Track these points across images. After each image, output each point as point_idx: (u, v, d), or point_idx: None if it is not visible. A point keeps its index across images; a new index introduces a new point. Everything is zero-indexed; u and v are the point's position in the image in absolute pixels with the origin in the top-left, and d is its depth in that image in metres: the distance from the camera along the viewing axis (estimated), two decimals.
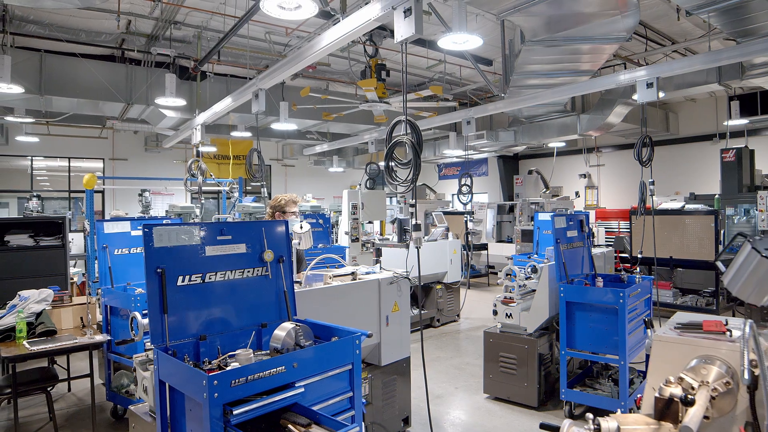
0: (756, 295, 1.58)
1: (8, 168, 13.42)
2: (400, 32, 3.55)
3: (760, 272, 1.53)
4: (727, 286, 1.68)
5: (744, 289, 1.60)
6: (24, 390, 3.91)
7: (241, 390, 2.14)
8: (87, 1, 4.63)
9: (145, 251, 2.51)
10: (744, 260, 1.59)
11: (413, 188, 3.51)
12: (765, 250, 1.53)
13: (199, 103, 9.13)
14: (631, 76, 5.89)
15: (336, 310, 3.50)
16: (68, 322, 4.40)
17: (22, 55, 7.62)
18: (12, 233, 6.46)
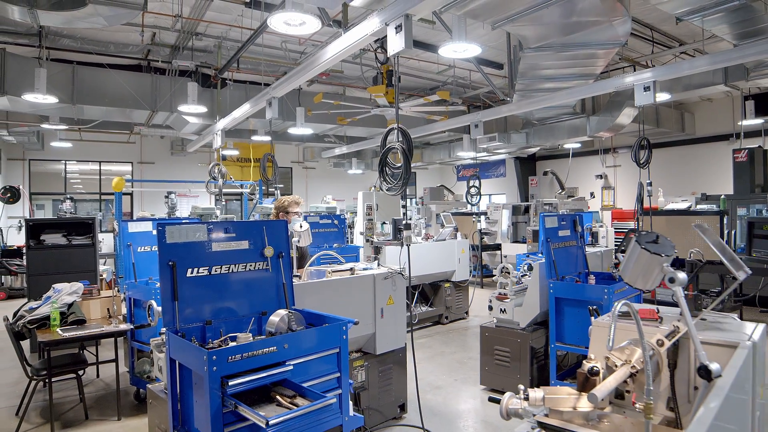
0: (642, 282, 1.83)
1: (44, 171, 14.21)
2: (393, 46, 3.85)
3: (642, 262, 1.78)
4: (622, 275, 1.93)
5: (633, 277, 1.85)
6: (57, 371, 4.35)
7: (237, 365, 2.48)
8: (114, 19, 5.07)
9: (159, 247, 2.89)
10: (631, 253, 1.84)
11: (404, 190, 3.80)
12: (645, 243, 1.78)
13: (220, 110, 9.60)
14: (630, 79, 6.07)
15: (334, 302, 3.82)
16: (96, 312, 4.83)
17: (56, 67, 8.19)
18: (47, 233, 7.00)
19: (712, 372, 1.60)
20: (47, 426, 4.25)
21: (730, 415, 1.47)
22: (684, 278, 1.74)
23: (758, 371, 1.87)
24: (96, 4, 4.48)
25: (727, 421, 1.44)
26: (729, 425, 1.49)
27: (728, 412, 1.42)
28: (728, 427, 1.46)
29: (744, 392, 1.72)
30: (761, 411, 1.96)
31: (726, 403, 1.34)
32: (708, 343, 1.93)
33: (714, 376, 1.59)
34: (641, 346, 1.63)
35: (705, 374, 1.62)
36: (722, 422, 1.34)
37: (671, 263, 1.77)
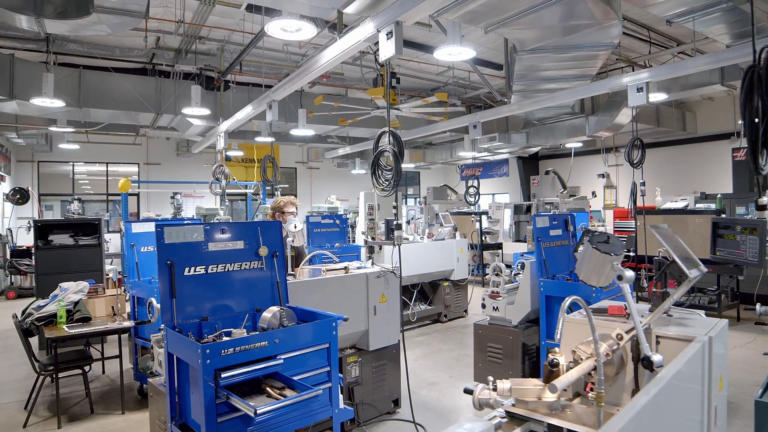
0: (595, 279, 1.95)
1: (52, 173, 14.46)
2: (384, 52, 3.98)
3: (594, 260, 1.90)
4: (577, 273, 2.04)
5: (587, 275, 1.97)
6: (64, 367, 4.52)
7: (230, 359, 2.62)
8: (118, 27, 5.23)
9: (158, 247, 3.04)
10: (584, 252, 1.96)
11: (395, 191, 3.93)
12: (596, 243, 1.89)
13: (223, 112, 9.76)
14: (624, 80, 6.15)
15: (328, 299, 3.96)
16: (101, 310, 5.00)
17: (63, 72, 8.38)
18: (55, 233, 7.20)
19: (653, 363, 1.71)
20: (54, 419, 4.42)
21: (673, 403, 1.58)
22: (631, 276, 1.86)
23: (715, 364, 1.98)
24: (100, 13, 4.64)
25: (671, 408, 1.55)
26: (675, 412, 1.60)
27: (671, 400, 1.53)
28: (672, 414, 1.57)
29: (694, 383, 1.83)
30: (720, 402, 2.07)
31: (667, 392, 1.45)
32: (667, 338, 2.04)
33: (655, 366, 1.71)
34: (593, 339, 1.75)
35: (647, 365, 1.74)
36: (663, 409, 1.45)
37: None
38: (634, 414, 1.21)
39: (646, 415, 1.29)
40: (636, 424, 1.23)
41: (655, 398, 1.35)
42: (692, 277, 1.90)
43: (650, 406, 1.32)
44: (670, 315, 2.33)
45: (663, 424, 1.48)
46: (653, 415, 1.35)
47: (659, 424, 1.44)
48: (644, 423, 1.28)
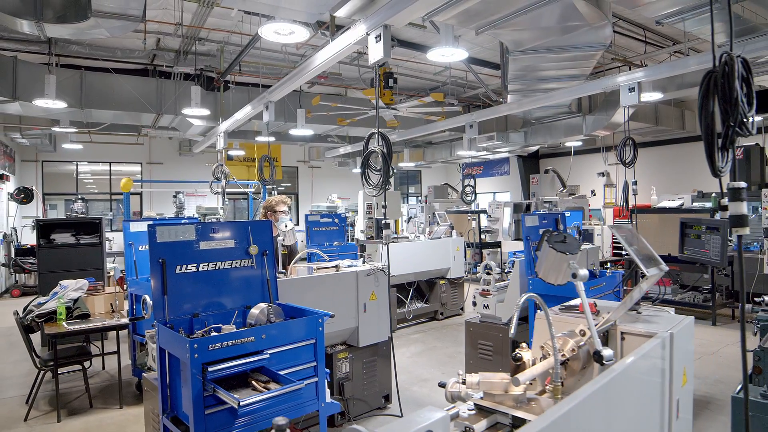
0: (553, 277, 2.03)
1: (56, 172, 14.64)
2: (373, 55, 4.07)
3: (551, 259, 1.98)
4: (537, 271, 2.12)
5: (545, 273, 2.05)
6: (63, 362, 4.64)
7: (218, 353, 2.72)
8: (116, 30, 5.34)
9: (150, 245, 3.14)
10: (543, 251, 2.04)
11: (384, 191, 4.02)
12: (553, 243, 1.97)
13: (223, 112, 9.88)
14: (617, 80, 6.21)
15: (318, 297, 4.06)
16: (100, 307, 5.12)
17: (65, 73, 8.52)
18: (57, 232, 7.34)
19: (603, 357, 1.80)
20: (54, 413, 4.54)
21: (626, 394, 1.66)
22: (585, 274, 1.94)
23: (677, 359, 2.06)
24: (98, 18, 4.75)
25: (623, 399, 1.64)
26: (627, 403, 1.69)
27: (623, 392, 1.62)
28: (625, 404, 1.66)
29: (653, 376, 1.91)
30: (684, 396, 2.15)
31: (617, 384, 1.54)
32: (631, 333, 2.13)
33: (605, 360, 1.79)
34: (550, 334, 1.83)
35: (598, 359, 1.82)
36: (612, 399, 1.54)
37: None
38: (575, 404, 1.29)
39: (591, 405, 1.38)
40: (579, 412, 1.32)
41: (602, 389, 1.43)
42: (650, 276, 1.98)
43: (595, 397, 1.41)
44: (639, 312, 2.40)
45: (614, 414, 1.56)
46: (600, 405, 1.44)
47: (609, 414, 1.53)
48: (589, 412, 1.37)
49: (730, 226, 1.84)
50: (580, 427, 1.34)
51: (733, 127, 1.88)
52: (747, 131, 1.92)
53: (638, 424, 1.81)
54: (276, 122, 10.99)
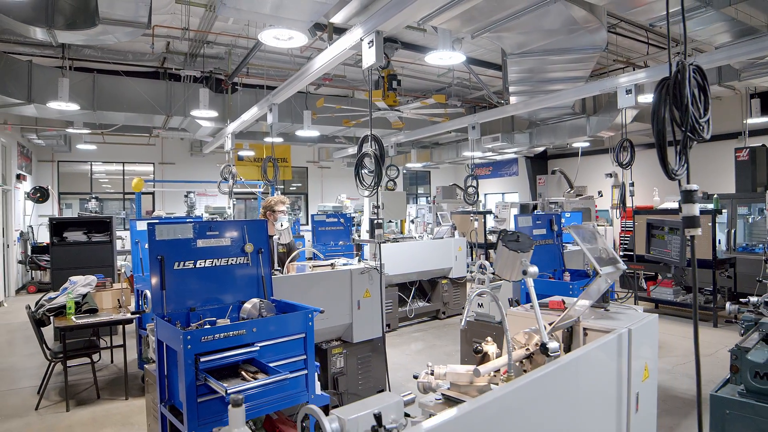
0: (508, 273, 2.14)
1: (71, 172, 15.00)
2: (366, 60, 4.21)
3: (505, 256, 2.09)
4: (494, 268, 2.24)
5: (501, 270, 2.16)
6: (72, 354, 4.85)
7: (210, 345, 2.88)
8: (124, 36, 5.54)
9: (149, 243, 3.31)
10: (498, 250, 2.15)
11: (377, 191, 4.15)
12: (507, 241, 2.09)
13: (231, 114, 10.09)
14: (615, 82, 6.27)
15: (313, 294, 4.20)
16: (108, 303, 5.33)
17: (78, 76, 8.79)
18: (69, 230, 7.59)
19: (549, 349, 1.91)
20: (63, 403, 4.76)
21: (574, 385, 1.78)
22: (534, 271, 2.05)
23: (635, 354, 2.16)
24: (106, 24, 4.96)
25: (571, 389, 1.75)
26: (576, 393, 1.80)
27: (569, 382, 1.73)
28: (572, 394, 1.77)
29: (607, 369, 2.01)
30: (645, 390, 2.25)
31: (562, 374, 1.65)
32: (592, 329, 2.24)
33: (551, 352, 1.90)
34: (503, 328, 1.95)
35: (544, 350, 1.94)
36: (556, 389, 1.65)
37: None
38: (510, 390, 1.42)
39: (528, 393, 1.50)
40: (514, 399, 1.44)
41: (543, 378, 1.55)
42: (604, 274, 2.09)
43: (535, 385, 1.53)
44: (607, 310, 2.50)
45: (559, 402, 1.68)
46: (540, 393, 1.56)
47: (552, 402, 1.64)
48: (525, 399, 1.49)
49: (683, 226, 1.94)
50: (514, 412, 1.46)
51: (684, 132, 1.98)
52: (699, 136, 2.02)
53: (591, 414, 1.92)
54: (283, 123, 11.19)
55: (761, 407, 3.04)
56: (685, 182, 2.12)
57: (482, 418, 1.37)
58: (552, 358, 1.90)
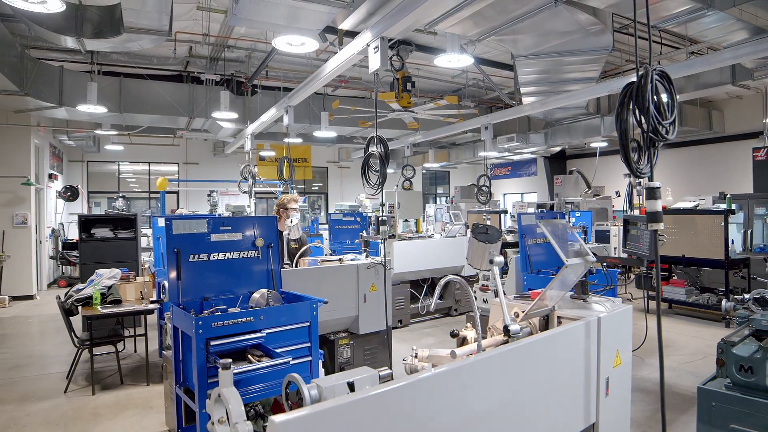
0: (478, 263, 2.31)
1: (100, 172, 15.60)
2: (372, 64, 4.41)
3: (475, 247, 2.26)
4: (467, 258, 2.40)
5: (472, 259, 2.33)
6: (98, 342, 5.18)
7: (220, 330, 3.13)
8: (147, 43, 5.87)
9: (166, 237, 3.58)
10: (469, 242, 2.32)
11: (382, 190, 4.35)
12: (476, 233, 2.25)
13: (250, 115, 10.42)
14: (620, 84, 6.34)
15: (322, 286, 4.43)
16: (131, 294, 5.65)
17: (106, 80, 9.22)
18: (97, 227, 7.97)
19: (510, 331, 2.08)
20: (89, 387, 5.09)
21: (537, 365, 1.94)
22: (500, 261, 2.22)
23: (605, 340, 2.31)
24: (129, 33, 5.28)
25: (529, 369, 1.91)
26: (539, 373, 1.96)
27: (531, 363, 1.90)
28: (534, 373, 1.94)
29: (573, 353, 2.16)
30: (616, 375, 2.39)
31: (521, 354, 1.83)
32: (565, 318, 2.40)
33: (512, 334, 2.07)
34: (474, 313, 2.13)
35: (506, 332, 2.10)
36: (516, 368, 1.83)
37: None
38: (460, 366, 1.60)
39: (481, 369, 1.68)
40: (466, 373, 1.63)
41: (502, 355, 1.73)
42: (570, 265, 2.24)
43: (488, 362, 1.71)
44: (585, 300, 2.65)
45: (516, 380, 1.85)
46: (495, 370, 1.73)
47: (507, 378, 1.82)
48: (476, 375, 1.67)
49: (647, 221, 2.09)
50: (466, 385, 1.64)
51: (646, 132, 2.13)
52: (662, 137, 2.16)
53: (559, 393, 2.08)
54: (301, 124, 11.49)
55: (746, 399, 3.14)
56: (648, 180, 2.25)
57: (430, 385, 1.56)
58: (514, 339, 2.07)
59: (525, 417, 1.86)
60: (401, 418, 1.49)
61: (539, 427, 1.95)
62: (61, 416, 4.50)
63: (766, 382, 3.09)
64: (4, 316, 8.82)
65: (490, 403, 1.70)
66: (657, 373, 5.55)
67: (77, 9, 5.34)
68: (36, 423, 4.36)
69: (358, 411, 1.40)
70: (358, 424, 1.39)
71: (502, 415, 1.76)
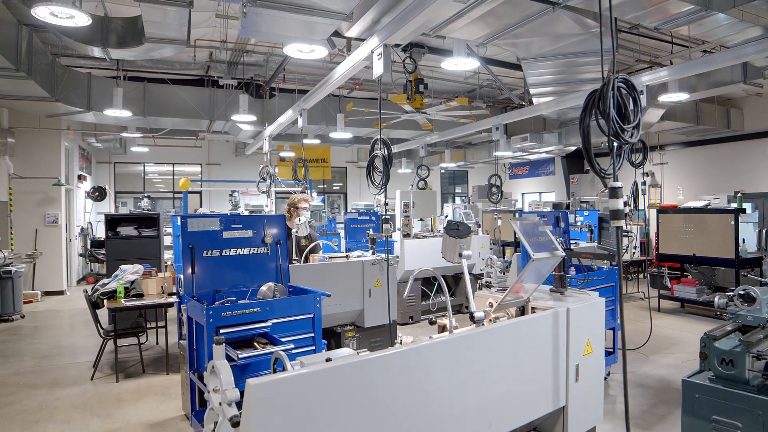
0: (450, 256, 2.50)
1: (127, 173, 16.20)
2: (376, 70, 4.63)
3: (447, 242, 2.45)
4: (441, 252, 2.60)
5: (445, 253, 2.52)
6: (122, 333, 5.54)
7: (229, 320, 3.39)
8: (168, 51, 6.21)
9: (182, 233, 3.86)
10: (444, 237, 2.51)
11: (385, 189, 4.57)
12: (448, 230, 2.45)
13: (269, 117, 10.74)
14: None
15: (329, 281, 4.67)
16: (153, 289, 5.98)
17: (131, 86, 9.65)
18: (122, 226, 8.39)
19: (475, 317, 2.27)
20: (113, 375, 5.44)
21: (499, 349, 2.13)
22: (468, 254, 2.42)
23: (575, 330, 2.48)
24: (150, 42, 5.61)
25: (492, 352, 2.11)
26: (501, 356, 2.16)
27: (494, 346, 2.09)
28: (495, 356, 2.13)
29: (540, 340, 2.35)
30: (587, 363, 2.56)
31: (491, 338, 2.03)
32: (538, 308, 2.58)
33: (476, 320, 2.26)
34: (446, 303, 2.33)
35: (471, 318, 2.29)
36: (479, 350, 2.02)
37: None
38: (427, 343, 1.81)
39: (448, 348, 1.89)
40: (430, 352, 1.84)
41: (460, 339, 1.94)
42: (536, 258, 2.41)
43: (451, 344, 1.91)
44: (562, 293, 2.82)
45: (484, 362, 2.05)
46: (461, 350, 1.94)
47: (467, 358, 2.01)
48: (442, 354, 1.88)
49: (609, 218, 2.26)
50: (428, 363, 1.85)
51: (608, 136, 2.30)
52: (624, 141, 2.32)
53: (527, 376, 2.26)
54: (318, 126, 11.79)
55: (727, 392, 3.26)
56: (612, 180, 2.42)
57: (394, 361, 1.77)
58: (478, 324, 2.26)
59: (491, 395, 2.06)
60: (361, 388, 1.70)
61: (506, 405, 2.14)
62: (87, 401, 4.84)
63: (746, 375, 3.21)
64: (36, 309, 9.32)
65: (453, 380, 1.91)
66: (659, 370, 5.68)
67: (102, 21, 5.70)
68: (64, 406, 4.71)
69: (319, 378, 1.62)
70: (317, 389, 1.61)
71: (464, 392, 1.96)
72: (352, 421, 1.65)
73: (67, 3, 4.04)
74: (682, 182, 14.13)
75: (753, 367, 3.28)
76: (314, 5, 3.78)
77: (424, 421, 1.82)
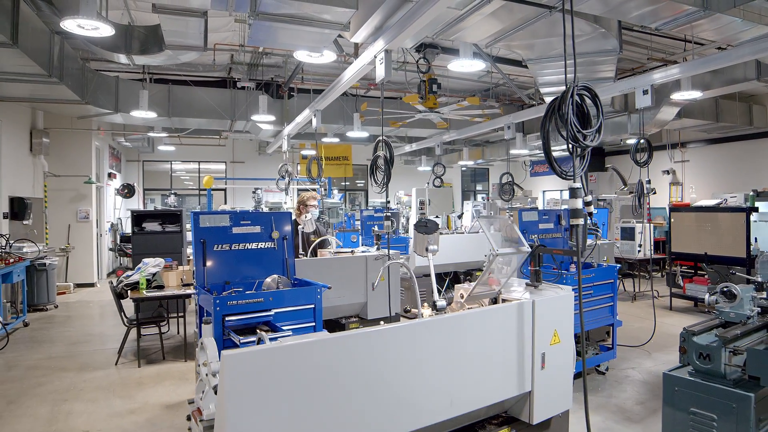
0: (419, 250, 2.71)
1: (154, 171, 16.83)
2: (378, 74, 4.86)
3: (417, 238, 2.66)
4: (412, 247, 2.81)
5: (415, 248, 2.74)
6: (144, 321, 5.93)
7: (235, 308, 3.68)
8: (187, 57, 6.57)
9: (193, 229, 4.18)
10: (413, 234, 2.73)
11: (387, 188, 4.81)
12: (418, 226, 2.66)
13: (288, 117, 11.09)
14: (630, 84, 6.50)
15: (334, 275, 4.92)
16: (173, 281, 6.35)
17: (156, 88, 10.11)
18: (147, 221, 8.84)
19: (437, 306, 2.48)
20: (136, 361, 5.84)
21: (464, 336, 2.35)
22: (434, 249, 2.63)
23: (540, 320, 2.66)
24: (170, 49, 5.97)
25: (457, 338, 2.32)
26: (466, 342, 2.36)
27: (457, 333, 2.31)
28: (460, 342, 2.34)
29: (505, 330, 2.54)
30: (554, 352, 2.75)
31: (453, 325, 2.25)
32: (507, 300, 2.78)
33: (438, 309, 2.47)
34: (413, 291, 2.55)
35: (433, 307, 2.51)
36: (441, 337, 2.24)
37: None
38: (388, 327, 2.04)
39: (408, 333, 2.11)
40: (391, 335, 2.07)
41: (421, 324, 2.17)
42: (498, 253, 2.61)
43: (410, 329, 2.14)
44: (537, 287, 2.99)
45: (450, 347, 2.27)
46: (423, 336, 2.16)
47: (440, 345, 2.23)
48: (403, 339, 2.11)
49: (569, 217, 2.45)
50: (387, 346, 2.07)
51: (566, 140, 2.49)
52: (583, 145, 2.50)
53: (490, 362, 2.46)
54: (336, 125, 12.09)
55: (704, 385, 3.39)
56: (574, 181, 2.60)
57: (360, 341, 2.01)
58: (440, 313, 2.48)
59: (453, 377, 2.27)
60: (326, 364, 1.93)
61: (468, 387, 2.34)
62: (111, 383, 5.24)
63: (722, 369, 3.34)
64: (69, 300, 9.89)
65: (413, 361, 2.13)
66: (660, 367, 5.77)
67: (126, 30, 6.09)
68: (90, 388, 5.11)
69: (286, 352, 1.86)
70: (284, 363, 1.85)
71: (425, 373, 2.18)
72: (314, 392, 1.89)
73: (92, 16, 4.40)
74: (704, 180, 13.94)
75: (730, 362, 3.40)
76: (312, 17, 4.04)
77: (386, 395, 2.05)
